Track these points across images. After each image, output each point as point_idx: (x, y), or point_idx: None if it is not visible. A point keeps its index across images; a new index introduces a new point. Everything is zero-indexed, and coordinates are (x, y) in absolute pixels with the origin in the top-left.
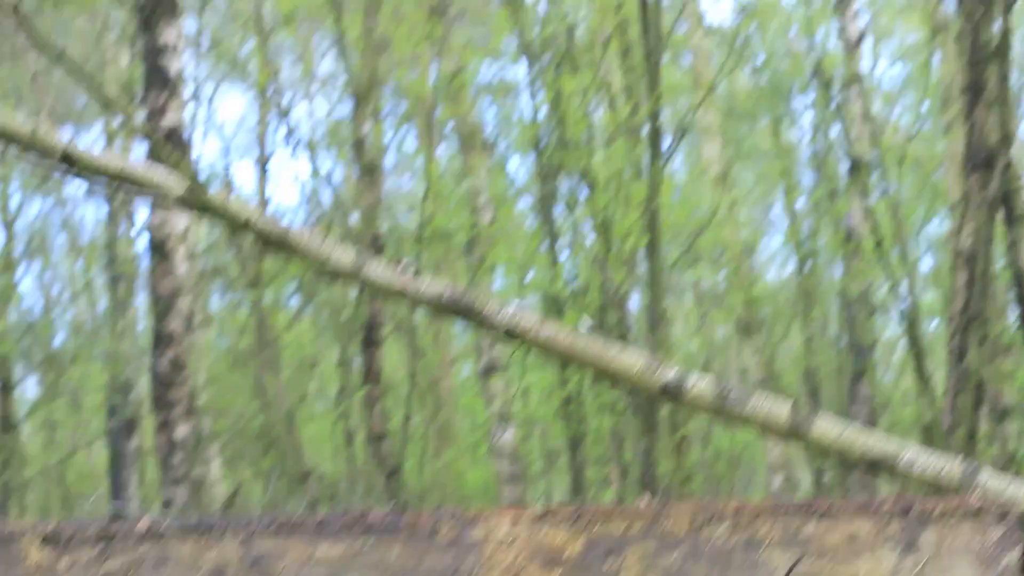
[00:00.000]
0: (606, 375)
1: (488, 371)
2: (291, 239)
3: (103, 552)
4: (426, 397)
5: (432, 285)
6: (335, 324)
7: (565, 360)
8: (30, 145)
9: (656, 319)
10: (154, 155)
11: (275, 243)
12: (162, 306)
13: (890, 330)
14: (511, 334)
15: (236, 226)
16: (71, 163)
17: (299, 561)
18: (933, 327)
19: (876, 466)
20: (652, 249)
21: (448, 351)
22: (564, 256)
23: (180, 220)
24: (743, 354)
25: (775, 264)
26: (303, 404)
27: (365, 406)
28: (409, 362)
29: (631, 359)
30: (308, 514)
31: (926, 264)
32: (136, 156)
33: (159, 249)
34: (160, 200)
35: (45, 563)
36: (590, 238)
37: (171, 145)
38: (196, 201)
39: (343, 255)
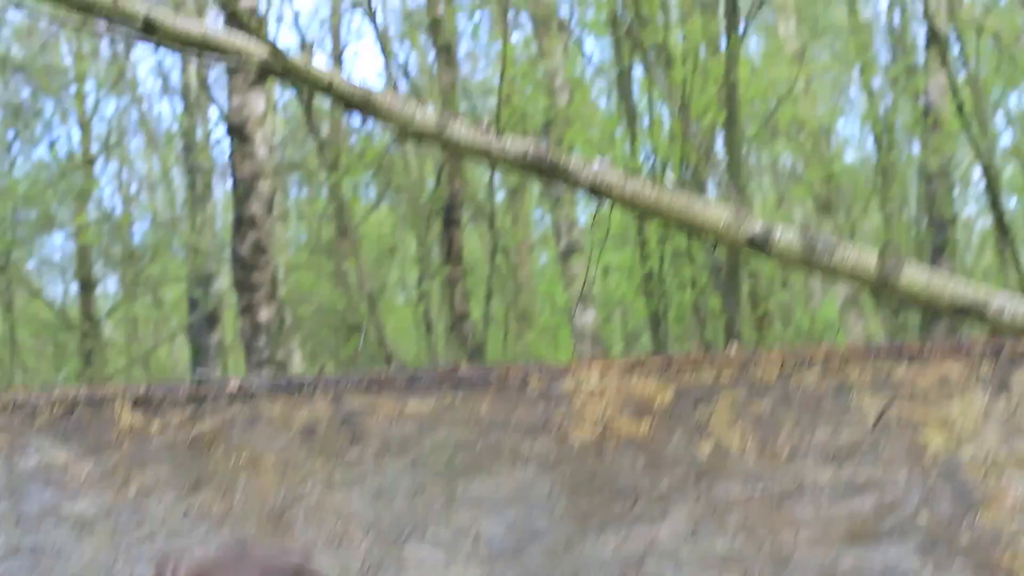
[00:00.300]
0: (693, 229)
1: (567, 253)
2: (374, 100)
3: (194, 414)
4: (506, 283)
5: (516, 143)
6: (413, 212)
7: (651, 215)
8: (111, 13)
9: (736, 190)
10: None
11: (358, 105)
12: (242, 189)
13: (970, 207)
14: (596, 190)
15: (319, 88)
16: (152, 31)
17: (389, 417)
18: (1013, 205)
19: (965, 313)
20: (730, 124)
21: (527, 238)
22: (642, 136)
23: (258, 103)
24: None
25: (853, 145)
26: (384, 291)
27: (446, 287)
28: (489, 243)
29: (717, 212)
30: (398, 372)
31: (1006, 139)
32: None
33: (238, 132)
34: (242, 66)
35: (137, 426)
36: (668, 118)
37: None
38: (279, 65)
39: (426, 116)
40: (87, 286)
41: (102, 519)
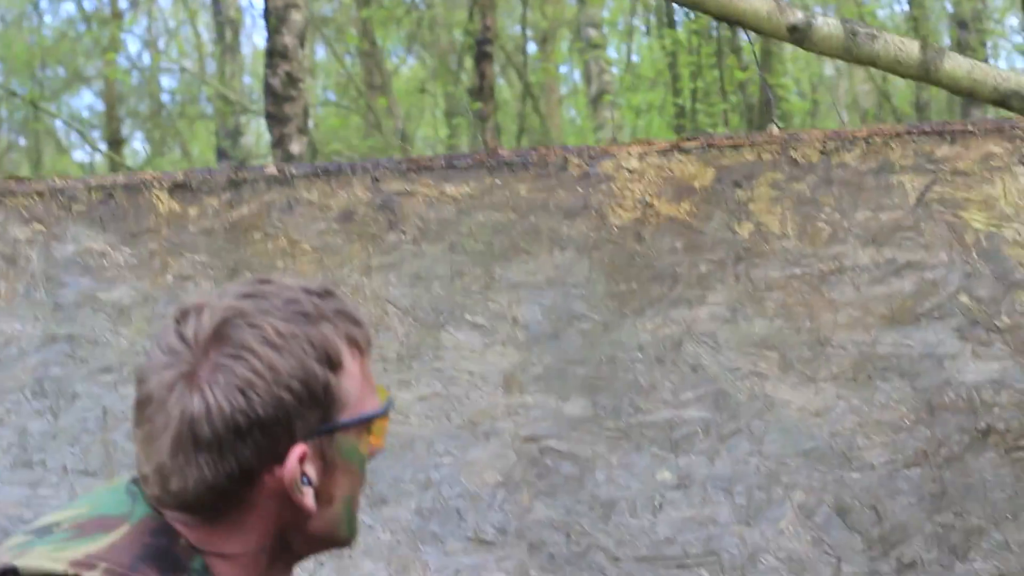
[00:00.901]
0: (733, 19)
1: (597, 97)
2: None
3: (232, 199)
4: (536, 130)
5: None
6: (443, 65)
7: (691, 5)
8: None
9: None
10: None
11: None
12: (275, 20)
13: (1001, 61)
14: None
15: None
16: None
17: (428, 200)
18: None
19: (1008, 100)
20: None
21: (555, 90)
22: None
23: None
24: (853, 80)
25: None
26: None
27: (476, 123)
28: (520, 85)
29: (758, 1)
30: (436, 156)
31: None
32: None
33: None
34: None
35: (175, 212)
36: None
37: None
38: None
39: None
40: (115, 144)
41: (139, 306)
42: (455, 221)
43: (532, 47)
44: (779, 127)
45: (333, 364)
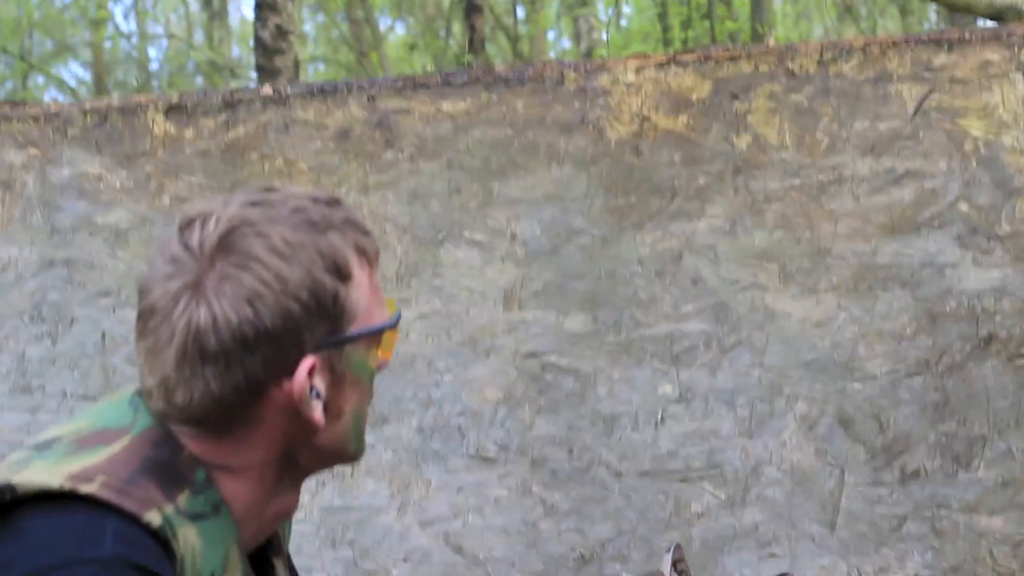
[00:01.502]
0: None
1: (587, 54)
2: None
3: (227, 120)
4: None
5: None
6: (431, 31)
7: None
8: None
9: None
10: None
11: None
12: None
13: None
14: None
15: None
16: None
17: (424, 118)
18: None
19: (1004, 14)
20: None
21: (545, 53)
22: None
23: None
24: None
25: None
26: None
27: None
28: (509, 46)
29: None
30: (433, 73)
31: None
32: None
33: None
34: None
35: (170, 134)
36: None
37: None
38: None
39: None
40: None
41: (136, 229)
42: (452, 138)
43: (521, 12)
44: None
45: (342, 274)
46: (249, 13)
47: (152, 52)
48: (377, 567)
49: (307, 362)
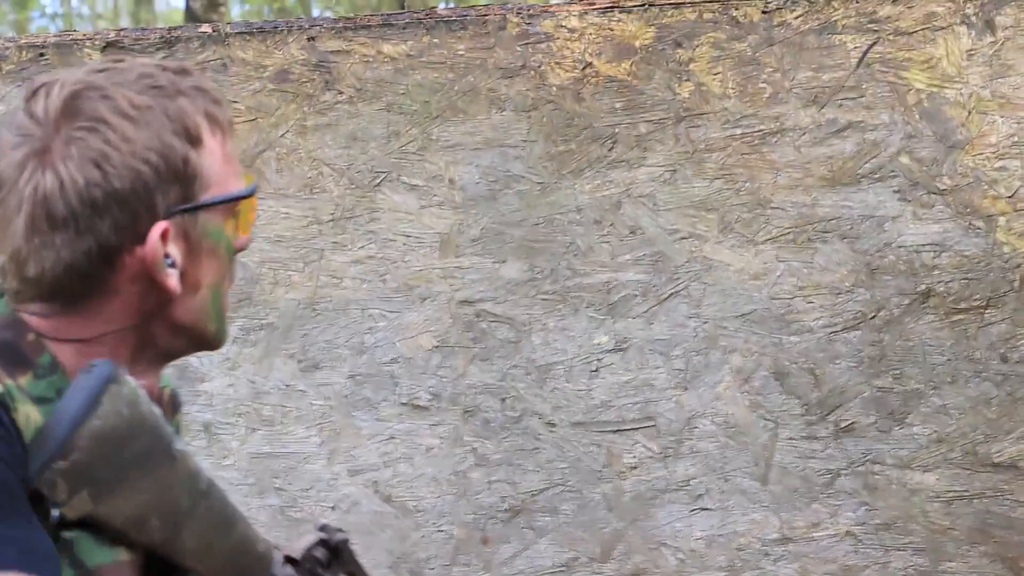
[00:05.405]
0: None
1: None
2: None
3: (165, 58)
4: None
5: None
6: None
7: None
8: None
9: None
10: None
11: None
12: None
13: None
14: None
15: None
16: None
17: (365, 60)
18: None
19: None
20: None
21: None
22: None
23: None
24: None
25: None
26: None
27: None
28: None
29: None
30: (373, 13)
31: None
32: None
33: None
34: None
35: None
36: None
37: None
38: None
39: None
40: None
41: None
42: (392, 81)
43: None
44: None
45: (192, 138)
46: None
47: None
48: (305, 515)
49: (159, 226)
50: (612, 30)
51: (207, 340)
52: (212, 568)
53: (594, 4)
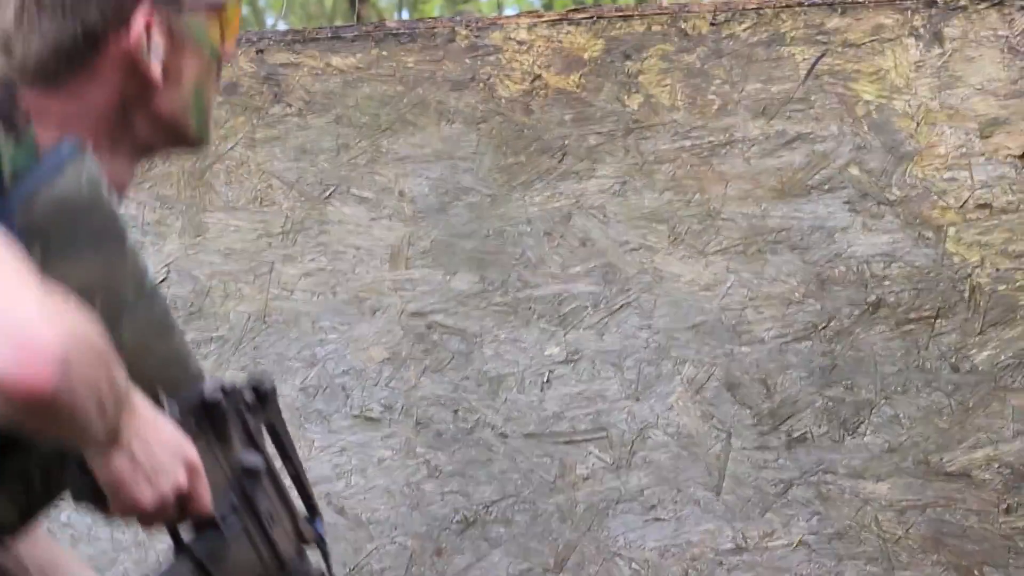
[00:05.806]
0: None
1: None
2: None
3: None
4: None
5: None
6: None
7: None
8: None
9: None
10: None
11: None
12: None
13: None
14: None
15: None
16: None
17: (314, 72)
18: None
19: None
20: None
21: None
22: None
23: None
24: None
25: None
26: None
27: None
28: None
29: None
30: (322, 27)
31: None
32: None
33: None
34: None
35: None
36: None
37: None
38: None
39: None
40: None
41: None
42: (341, 93)
43: None
44: None
45: None
46: None
47: None
48: None
49: (143, 12)
50: (561, 42)
51: (187, 136)
52: (145, 371)
53: (543, 16)
